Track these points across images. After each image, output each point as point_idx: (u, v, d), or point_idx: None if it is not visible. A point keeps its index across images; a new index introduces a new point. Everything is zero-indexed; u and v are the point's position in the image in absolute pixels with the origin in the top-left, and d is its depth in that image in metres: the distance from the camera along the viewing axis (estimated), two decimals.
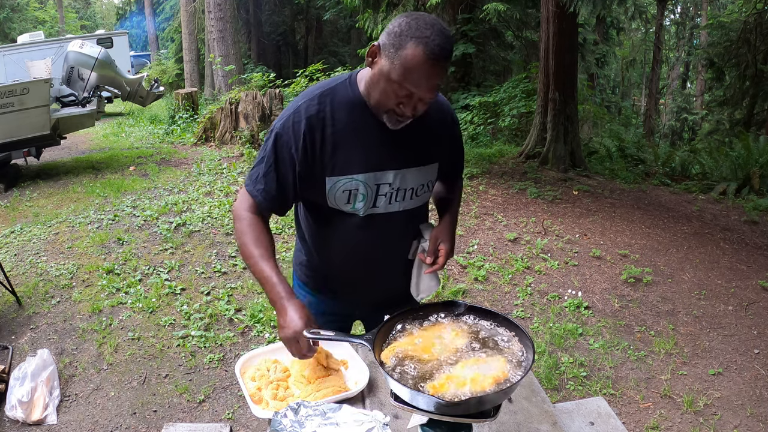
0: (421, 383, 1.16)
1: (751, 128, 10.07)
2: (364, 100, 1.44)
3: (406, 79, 1.29)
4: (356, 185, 1.48)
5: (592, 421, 1.60)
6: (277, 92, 8.27)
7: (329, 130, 1.44)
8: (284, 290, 1.38)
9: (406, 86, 1.30)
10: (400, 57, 1.27)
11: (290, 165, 1.45)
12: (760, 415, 2.95)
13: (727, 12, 13.97)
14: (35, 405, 2.87)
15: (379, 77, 1.35)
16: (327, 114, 1.44)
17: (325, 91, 1.47)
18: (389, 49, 1.30)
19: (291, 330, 1.34)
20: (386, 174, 1.49)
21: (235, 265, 4.33)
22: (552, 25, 7.06)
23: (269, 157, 1.46)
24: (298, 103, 1.47)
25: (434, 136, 1.57)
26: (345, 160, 1.46)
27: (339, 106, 1.45)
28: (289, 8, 20.59)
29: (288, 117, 1.45)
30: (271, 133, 1.47)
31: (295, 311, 1.35)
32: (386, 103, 1.37)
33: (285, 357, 1.56)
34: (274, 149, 1.45)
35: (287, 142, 1.44)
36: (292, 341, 1.35)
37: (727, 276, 4.44)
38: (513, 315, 3.81)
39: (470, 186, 6.27)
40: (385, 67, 1.31)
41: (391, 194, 1.52)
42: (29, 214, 5.54)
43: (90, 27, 34.63)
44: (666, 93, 23.07)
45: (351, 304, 1.76)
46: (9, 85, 6.32)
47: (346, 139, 1.45)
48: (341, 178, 1.47)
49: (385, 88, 1.34)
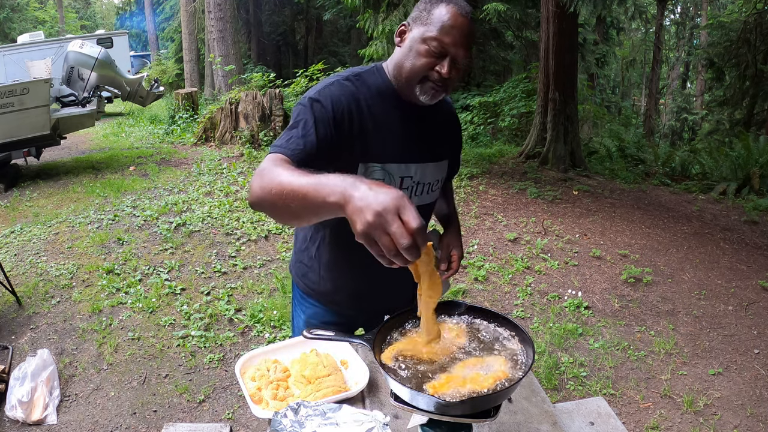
0: (422, 383, 1.16)
1: (751, 128, 10.07)
2: (392, 88, 1.44)
3: (442, 31, 1.32)
4: (384, 175, 1.44)
5: (592, 421, 1.60)
6: (277, 92, 8.27)
7: (364, 113, 1.39)
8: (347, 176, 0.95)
9: (443, 39, 1.32)
10: (433, 15, 1.33)
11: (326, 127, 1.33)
12: (760, 415, 2.95)
13: (727, 12, 13.97)
14: (35, 405, 2.87)
15: (411, 44, 1.37)
16: (361, 96, 1.40)
17: (356, 75, 1.44)
18: (421, 16, 1.36)
19: (386, 197, 0.85)
20: (410, 167, 1.49)
21: (235, 265, 4.33)
22: (552, 25, 7.07)
23: (307, 121, 1.32)
24: (331, 80, 1.40)
25: (445, 133, 1.60)
26: (378, 147, 1.42)
27: (370, 91, 1.42)
28: (289, 8, 20.60)
29: (325, 87, 1.37)
30: (303, 101, 1.36)
31: (375, 183, 0.91)
32: (420, 70, 1.36)
33: (285, 357, 1.56)
34: (312, 112, 1.33)
35: (324, 107, 1.34)
36: (391, 216, 0.84)
37: (727, 276, 4.44)
38: (513, 315, 3.81)
39: (470, 186, 6.27)
40: (417, 32, 1.35)
41: (413, 188, 1.51)
42: (29, 214, 5.54)
43: (90, 27, 34.64)
44: (666, 93, 23.08)
45: (357, 311, 1.69)
46: (9, 85, 6.33)
47: (379, 126, 1.42)
48: (374, 165, 1.42)
49: (420, 50, 1.35)
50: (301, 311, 1.74)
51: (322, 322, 1.66)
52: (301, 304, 1.73)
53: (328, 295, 1.68)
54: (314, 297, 1.71)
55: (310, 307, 1.71)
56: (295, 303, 1.78)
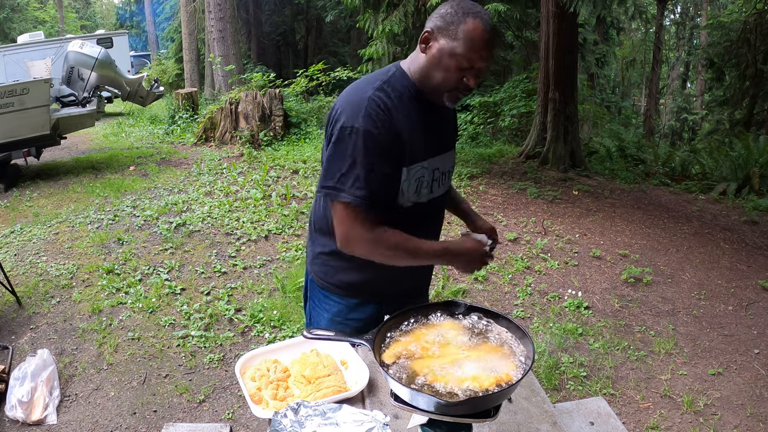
0: (421, 383, 1.16)
1: (751, 128, 10.07)
2: (416, 88, 1.51)
3: (471, 49, 1.40)
4: (423, 172, 1.53)
5: (592, 421, 1.60)
6: (277, 92, 8.27)
7: (400, 121, 1.46)
8: (447, 242, 1.58)
9: (471, 56, 1.40)
10: (461, 32, 1.40)
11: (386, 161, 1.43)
12: (760, 415, 2.95)
13: (727, 12, 13.95)
14: (35, 405, 2.87)
15: (440, 56, 1.43)
16: (394, 105, 1.46)
17: (385, 82, 1.49)
18: (449, 29, 1.41)
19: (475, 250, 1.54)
20: (435, 159, 1.58)
21: (235, 265, 4.33)
22: (552, 25, 7.06)
23: (363, 159, 1.39)
24: (365, 94, 1.43)
25: (453, 122, 1.73)
26: (415, 148, 1.49)
27: (400, 96, 1.49)
28: (289, 8, 20.58)
29: (364, 110, 1.40)
30: (350, 130, 1.40)
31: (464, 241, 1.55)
32: (449, 81, 1.44)
33: (285, 357, 1.56)
34: (365, 148, 1.39)
35: (376, 136, 1.39)
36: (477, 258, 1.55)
37: (727, 276, 4.44)
38: (513, 315, 3.81)
39: (470, 186, 6.27)
40: (446, 45, 1.41)
41: (440, 178, 1.61)
42: (29, 214, 5.54)
43: (90, 27, 34.60)
44: (666, 93, 23.07)
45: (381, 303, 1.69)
46: (9, 85, 6.32)
47: (413, 129, 1.49)
48: (414, 167, 1.50)
49: (448, 64, 1.42)
50: (324, 311, 1.73)
51: (347, 319, 1.68)
52: (325, 304, 1.72)
53: (368, 285, 1.66)
54: (348, 294, 1.68)
55: (335, 305, 1.70)
56: (314, 303, 1.77)
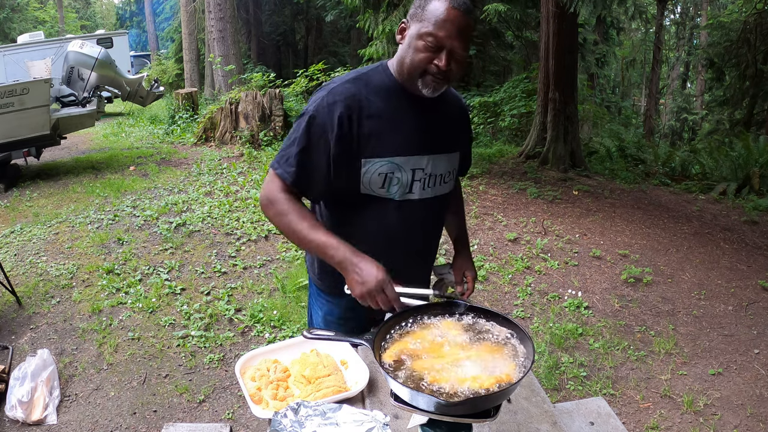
0: (421, 383, 1.16)
1: (751, 128, 10.07)
2: (398, 84, 1.49)
3: (435, 26, 1.36)
4: (392, 168, 1.49)
5: (592, 421, 1.60)
6: (277, 92, 8.27)
7: (365, 112, 1.45)
8: (349, 249, 1.39)
9: (437, 33, 1.36)
10: (427, 11, 1.38)
11: (324, 149, 1.44)
12: (760, 415, 2.95)
13: (727, 12, 13.95)
14: (35, 405, 2.86)
15: (410, 40, 1.42)
16: (363, 96, 1.45)
17: (360, 76, 1.50)
18: (417, 12, 1.41)
19: (374, 279, 1.33)
20: (421, 159, 1.53)
21: (235, 265, 4.33)
22: (552, 25, 7.06)
23: (301, 140, 1.45)
24: (331, 86, 1.47)
25: (456, 125, 1.65)
26: (381, 143, 1.47)
27: (374, 90, 1.48)
28: (289, 8, 20.59)
29: (322, 98, 1.45)
30: (304, 114, 1.46)
31: (370, 263, 1.35)
32: (420, 63, 1.41)
33: (285, 357, 1.56)
34: (308, 132, 1.44)
35: (322, 124, 1.43)
36: (377, 292, 1.34)
37: (727, 276, 4.44)
38: (513, 315, 3.81)
39: (470, 186, 6.27)
40: (414, 28, 1.41)
41: (425, 180, 1.56)
42: (29, 214, 5.54)
43: (90, 27, 34.60)
44: (666, 93, 23.07)
45: None
46: (9, 85, 6.32)
47: (383, 123, 1.47)
48: (377, 161, 1.47)
49: (417, 45, 1.40)
50: (318, 308, 1.76)
51: (341, 318, 1.69)
52: (319, 302, 1.75)
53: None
54: (330, 291, 1.70)
55: (327, 304, 1.73)
56: (312, 301, 1.81)
